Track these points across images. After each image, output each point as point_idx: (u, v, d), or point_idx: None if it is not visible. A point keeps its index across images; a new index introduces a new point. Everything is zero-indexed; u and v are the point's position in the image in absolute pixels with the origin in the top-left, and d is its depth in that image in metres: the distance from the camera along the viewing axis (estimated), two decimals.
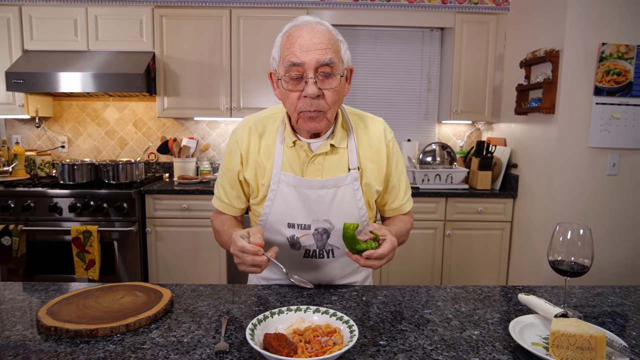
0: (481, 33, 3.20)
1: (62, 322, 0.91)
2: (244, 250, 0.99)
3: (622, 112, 2.45)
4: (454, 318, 1.01)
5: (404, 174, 1.30)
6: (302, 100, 1.06)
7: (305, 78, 1.04)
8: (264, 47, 3.11)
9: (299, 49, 1.03)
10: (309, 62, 1.03)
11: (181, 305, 1.06)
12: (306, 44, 1.03)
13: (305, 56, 1.03)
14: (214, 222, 1.30)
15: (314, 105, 1.06)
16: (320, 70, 1.04)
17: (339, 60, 1.08)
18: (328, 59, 1.03)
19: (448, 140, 3.61)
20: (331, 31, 1.08)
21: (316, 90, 1.04)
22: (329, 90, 1.06)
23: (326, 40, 1.04)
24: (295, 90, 1.06)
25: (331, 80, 1.06)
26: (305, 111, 1.08)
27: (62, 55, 3.04)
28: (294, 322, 0.93)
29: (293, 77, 1.05)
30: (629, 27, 2.40)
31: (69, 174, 2.88)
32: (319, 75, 1.05)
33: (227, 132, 3.55)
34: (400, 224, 1.25)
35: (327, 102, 1.07)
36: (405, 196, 1.31)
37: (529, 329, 0.93)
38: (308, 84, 1.04)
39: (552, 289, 1.21)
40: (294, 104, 1.08)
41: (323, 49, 1.03)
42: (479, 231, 3.01)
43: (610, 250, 2.56)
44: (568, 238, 1.01)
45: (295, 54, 1.03)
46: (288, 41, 1.06)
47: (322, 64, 1.03)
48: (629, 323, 1.00)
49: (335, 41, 1.08)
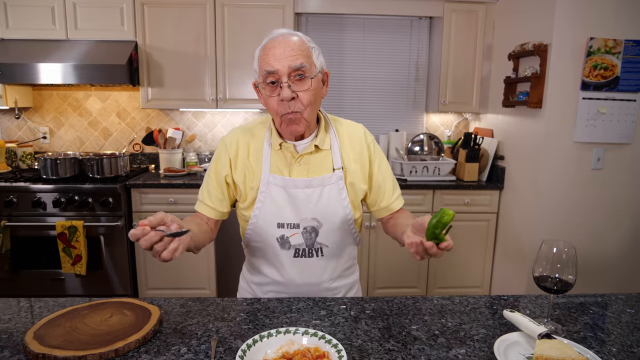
0: (470, 23, 3.17)
1: (50, 348, 0.91)
2: (135, 237, 0.90)
3: (608, 107, 2.47)
4: (440, 335, 1.02)
5: (389, 174, 1.35)
6: (280, 104, 1.15)
7: (279, 83, 1.13)
8: (249, 36, 3.05)
9: (272, 59, 1.13)
10: (281, 69, 1.12)
11: (170, 324, 1.06)
12: (279, 54, 1.12)
13: (277, 63, 1.12)
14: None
15: (291, 106, 1.14)
16: (292, 74, 1.13)
17: (311, 64, 1.16)
18: (299, 64, 1.12)
19: (436, 130, 3.61)
20: (304, 40, 1.17)
21: (290, 93, 1.12)
22: (302, 92, 1.14)
23: (297, 48, 1.14)
24: (273, 96, 1.15)
25: (304, 82, 1.14)
26: (284, 114, 1.16)
27: (40, 45, 2.94)
28: (283, 344, 0.93)
29: (269, 83, 1.15)
30: (617, 21, 2.40)
31: (52, 168, 2.82)
32: (292, 79, 1.13)
33: (213, 123, 3.50)
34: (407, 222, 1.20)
35: (302, 103, 1.15)
36: (393, 195, 1.35)
37: (513, 347, 0.95)
38: (282, 88, 1.13)
39: (536, 299, 1.24)
40: (274, 108, 1.17)
41: (294, 55, 1.12)
42: (465, 222, 3.04)
43: (593, 243, 2.61)
44: (553, 255, 1.03)
45: (269, 63, 1.13)
46: (264, 53, 1.15)
47: (293, 69, 1.12)
48: (610, 337, 1.03)
49: (307, 48, 1.16)
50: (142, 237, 0.89)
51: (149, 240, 0.90)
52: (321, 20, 3.41)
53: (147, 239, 0.90)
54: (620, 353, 0.96)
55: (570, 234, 2.58)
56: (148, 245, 0.91)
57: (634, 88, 2.45)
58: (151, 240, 0.90)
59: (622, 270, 2.68)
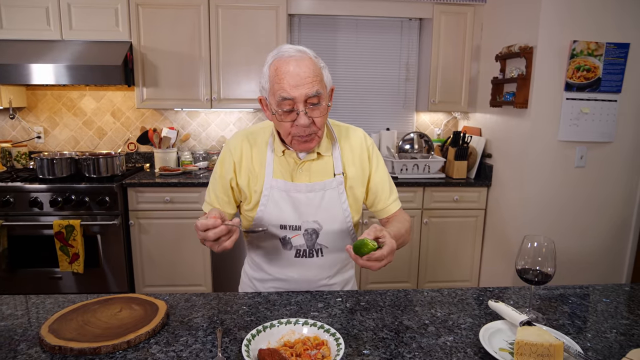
0: (458, 24, 3.25)
1: (66, 341, 0.97)
2: (205, 227, 1.05)
3: (590, 107, 2.57)
4: (430, 324, 1.10)
5: (387, 177, 1.40)
6: (295, 127, 1.19)
7: (296, 110, 1.15)
8: (243, 37, 3.10)
9: (287, 85, 1.13)
10: (298, 97, 1.13)
11: (177, 317, 1.12)
12: (294, 80, 1.13)
13: (294, 91, 1.13)
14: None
15: (307, 131, 1.19)
16: (309, 101, 1.15)
17: (323, 88, 1.18)
18: (315, 91, 1.14)
19: (426, 129, 3.70)
20: (314, 61, 1.18)
21: (307, 121, 1.16)
22: (318, 118, 1.19)
23: (312, 74, 1.14)
24: (288, 121, 1.18)
25: (319, 109, 1.18)
26: (298, 136, 1.19)
27: (34, 45, 2.96)
28: (284, 334, 1.00)
29: (285, 111, 1.16)
30: (599, 25, 2.50)
31: (48, 168, 2.85)
32: (308, 106, 1.15)
33: (207, 122, 3.55)
34: (398, 225, 1.30)
35: (318, 126, 1.20)
36: (390, 198, 1.39)
37: (497, 335, 1.03)
38: (300, 115, 1.15)
39: (520, 290, 1.32)
40: (287, 130, 1.20)
41: (310, 82, 1.13)
42: (454, 219, 3.13)
43: (575, 238, 2.72)
44: (534, 249, 1.11)
45: (285, 89, 1.13)
46: (277, 75, 1.15)
47: (310, 96, 1.14)
48: (586, 325, 1.12)
49: (319, 71, 1.18)
50: (213, 228, 1.04)
51: (218, 233, 1.05)
52: (314, 22, 3.47)
53: (217, 232, 1.05)
54: (594, 338, 1.05)
55: (555, 229, 2.68)
56: (216, 237, 1.05)
57: (615, 89, 2.55)
58: (220, 233, 1.05)
59: (603, 264, 2.79)
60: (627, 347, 1.00)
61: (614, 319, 1.15)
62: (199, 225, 1.06)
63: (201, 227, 1.05)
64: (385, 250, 1.05)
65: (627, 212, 2.74)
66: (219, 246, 1.09)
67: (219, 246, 1.08)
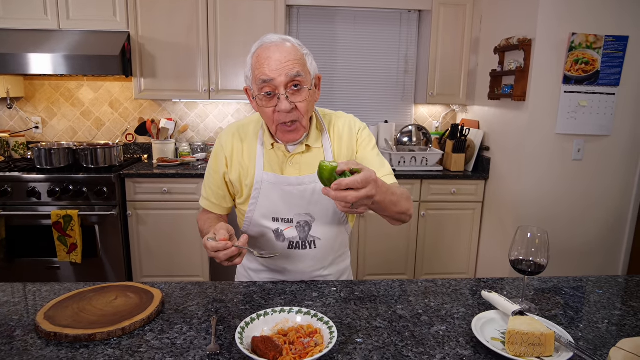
0: (457, 16, 3.24)
1: (61, 328, 0.97)
2: (215, 249, 1.06)
3: (588, 100, 2.57)
4: (423, 313, 1.11)
5: (376, 153, 1.32)
6: (277, 114, 1.17)
7: (277, 94, 1.14)
8: (241, 28, 3.08)
9: (267, 68, 1.12)
10: (278, 78, 1.12)
11: (172, 305, 1.13)
12: (274, 63, 1.12)
13: (274, 73, 1.12)
14: (199, 222, 1.38)
15: (289, 117, 1.17)
16: (290, 85, 1.14)
17: (306, 72, 1.17)
18: (295, 72, 1.13)
19: (424, 121, 3.70)
20: (297, 47, 1.17)
21: (288, 105, 1.14)
22: (300, 102, 1.17)
23: (292, 57, 1.14)
24: (270, 106, 1.16)
25: (301, 93, 1.16)
26: (282, 123, 1.18)
27: (31, 35, 2.95)
28: (278, 322, 1.01)
29: (266, 95, 1.15)
30: (598, 17, 2.49)
31: (46, 158, 2.85)
32: (289, 90, 1.14)
33: (205, 113, 3.54)
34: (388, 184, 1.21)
35: (301, 112, 1.18)
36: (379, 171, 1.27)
37: (490, 324, 1.04)
38: (280, 100, 1.14)
39: (514, 281, 1.33)
40: (270, 117, 1.18)
41: (290, 65, 1.13)
42: (452, 211, 3.14)
43: (572, 231, 2.73)
44: (527, 240, 1.11)
45: (265, 72, 1.13)
46: (258, 61, 1.15)
47: (291, 78, 1.13)
48: (578, 315, 1.13)
49: (301, 56, 1.17)
50: (224, 250, 1.05)
51: (229, 254, 1.06)
52: (312, 13, 3.46)
53: (229, 253, 1.06)
54: (586, 328, 1.06)
55: (552, 222, 2.69)
56: (227, 258, 1.06)
57: (613, 82, 2.55)
58: (232, 254, 1.06)
59: (599, 256, 2.80)
60: (618, 337, 1.01)
61: (607, 310, 1.15)
62: (209, 247, 1.06)
63: (211, 249, 1.06)
64: (360, 177, 0.92)
65: (624, 205, 2.75)
66: (229, 263, 1.10)
67: (229, 263, 1.09)
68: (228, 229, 1.11)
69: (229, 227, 1.12)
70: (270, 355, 0.86)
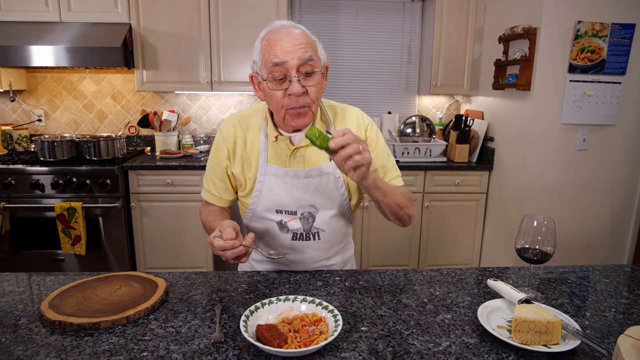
0: (461, 5, 3.20)
1: (65, 316, 0.97)
2: (223, 248, 1.05)
3: (594, 89, 2.54)
4: (428, 302, 1.10)
5: (386, 154, 1.33)
6: (287, 98, 1.14)
7: (288, 77, 1.12)
8: (243, 19, 3.06)
9: (280, 50, 1.11)
10: (290, 61, 1.10)
11: (176, 294, 1.13)
12: (287, 45, 1.11)
13: (286, 56, 1.10)
14: (201, 214, 1.38)
15: (300, 102, 1.14)
16: (301, 69, 1.12)
17: (317, 58, 1.16)
18: (308, 56, 1.11)
19: (428, 112, 3.67)
20: (307, 33, 1.17)
21: (300, 88, 1.12)
22: (311, 87, 1.14)
23: (304, 41, 1.13)
24: (280, 89, 1.14)
25: (313, 77, 1.14)
26: (291, 108, 1.15)
27: (33, 27, 2.93)
28: (283, 310, 1.00)
29: (277, 78, 1.12)
30: (604, 5, 2.45)
31: (50, 150, 2.85)
32: (301, 73, 1.12)
33: (208, 105, 3.53)
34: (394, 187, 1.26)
35: (311, 97, 1.15)
36: (388, 175, 1.32)
37: (495, 313, 1.03)
38: (292, 82, 1.12)
39: (519, 270, 1.32)
40: (279, 102, 1.15)
41: (302, 48, 1.11)
42: (456, 202, 3.13)
43: (577, 221, 2.71)
44: (533, 228, 1.10)
45: (277, 54, 1.11)
46: (268, 44, 1.13)
47: (303, 61, 1.11)
48: (585, 304, 1.12)
49: (312, 41, 1.16)
50: (231, 249, 1.05)
51: (237, 253, 1.05)
52: (315, 3, 3.43)
53: (236, 252, 1.05)
54: (593, 317, 1.05)
55: (556, 212, 2.67)
56: (234, 257, 1.06)
57: (619, 71, 2.52)
58: (239, 253, 1.06)
59: (605, 246, 2.79)
60: (626, 325, 1.00)
61: (614, 299, 1.15)
62: (217, 246, 1.05)
63: (218, 248, 1.06)
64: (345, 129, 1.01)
65: (629, 195, 2.73)
66: (236, 261, 1.10)
67: (235, 261, 1.10)
68: (234, 227, 1.10)
69: (234, 224, 1.11)
70: (275, 342, 0.86)
